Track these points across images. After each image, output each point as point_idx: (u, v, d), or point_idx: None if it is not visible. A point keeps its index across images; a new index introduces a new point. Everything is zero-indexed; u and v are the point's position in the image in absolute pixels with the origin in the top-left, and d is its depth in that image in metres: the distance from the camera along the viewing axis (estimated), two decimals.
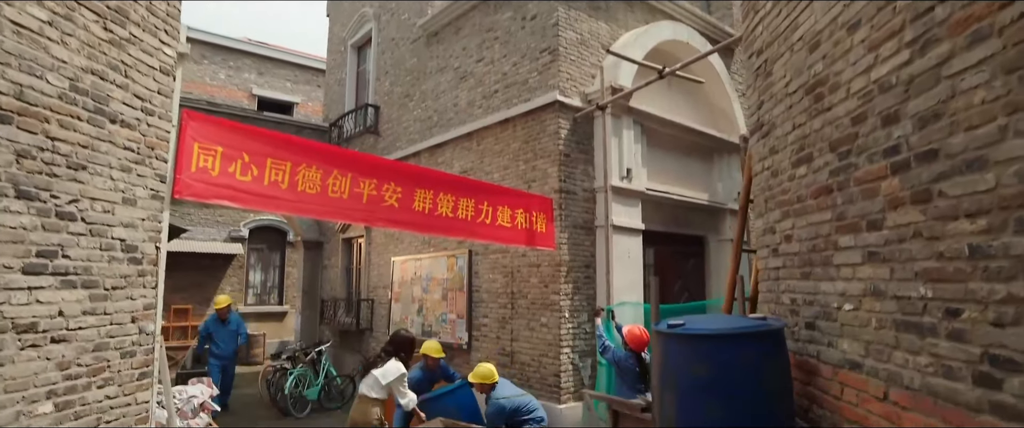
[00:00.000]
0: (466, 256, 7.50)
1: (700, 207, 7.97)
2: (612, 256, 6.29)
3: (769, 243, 3.11)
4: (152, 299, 2.98)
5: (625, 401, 3.63)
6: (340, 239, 11.35)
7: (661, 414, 2.70)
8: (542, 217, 5.85)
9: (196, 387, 5.83)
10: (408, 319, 8.68)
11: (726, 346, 2.48)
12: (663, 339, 2.69)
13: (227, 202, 3.76)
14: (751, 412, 2.41)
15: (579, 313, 6.30)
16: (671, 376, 2.60)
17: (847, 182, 2.28)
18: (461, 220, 5.06)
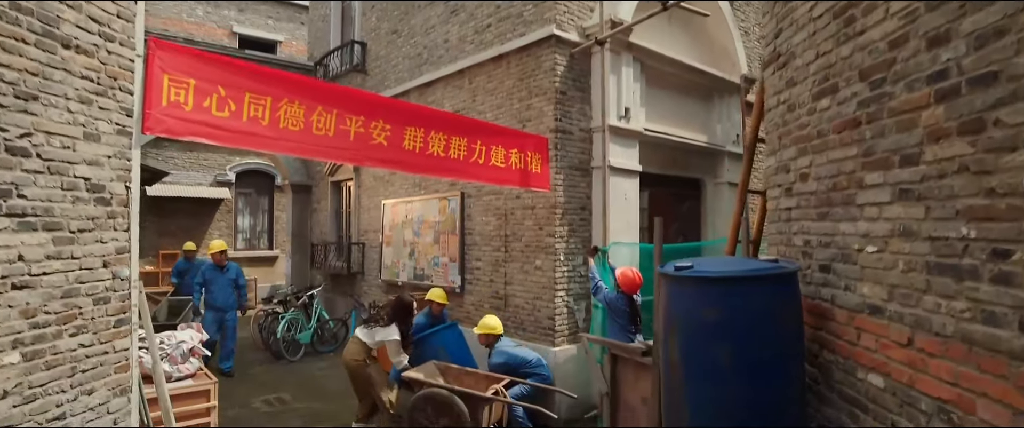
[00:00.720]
0: (458, 198, 7.32)
1: (698, 149, 7.77)
2: (609, 198, 6.12)
3: (781, 182, 2.94)
4: (125, 242, 2.79)
5: (624, 345, 3.54)
6: (329, 182, 11.10)
7: (665, 359, 2.59)
8: (537, 157, 5.64)
9: (185, 332, 5.73)
10: (400, 263, 8.58)
11: (737, 289, 2.35)
12: (669, 282, 2.55)
13: (203, 139, 3.51)
14: (762, 357, 2.31)
15: (574, 256, 6.19)
16: (677, 320, 2.48)
17: (879, 113, 2.08)
18: (453, 160, 4.84)
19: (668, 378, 2.57)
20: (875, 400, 2.12)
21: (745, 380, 2.31)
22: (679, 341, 2.45)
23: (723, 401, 2.34)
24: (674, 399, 2.53)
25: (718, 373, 2.34)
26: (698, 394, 2.40)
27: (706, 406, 2.38)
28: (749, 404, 2.31)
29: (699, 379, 2.39)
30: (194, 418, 5.07)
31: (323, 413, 6.20)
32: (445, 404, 4.79)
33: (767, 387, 2.31)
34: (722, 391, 2.34)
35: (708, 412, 2.38)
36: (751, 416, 2.32)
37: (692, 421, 2.43)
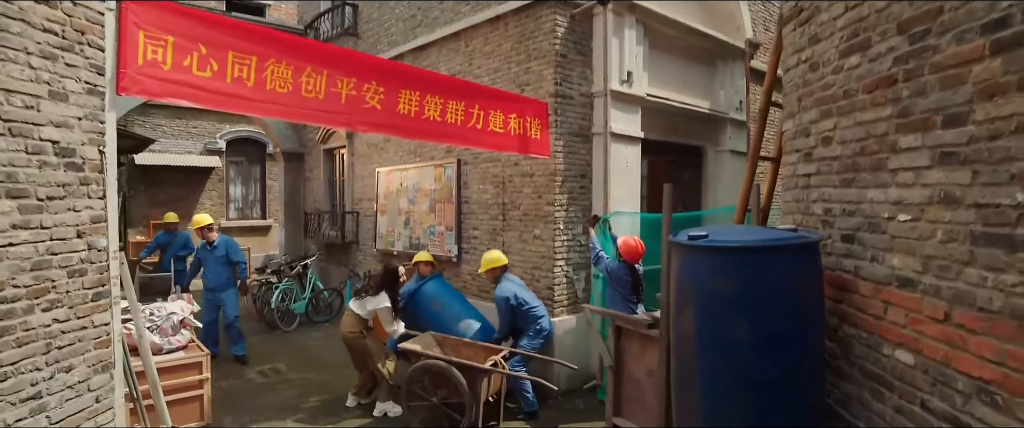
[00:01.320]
0: (454, 166, 7.12)
1: (700, 116, 7.56)
2: (610, 165, 5.94)
3: (800, 147, 2.77)
4: (101, 211, 2.60)
5: (629, 317, 3.42)
6: (321, 150, 10.85)
7: (676, 332, 2.46)
8: (536, 123, 5.43)
9: (176, 303, 5.59)
10: (395, 232, 8.42)
11: (756, 259, 2.20)
12: (682, 252, 2.40)
13: (184, 101, 3.29)
14: (781, 331, 2.18)
15: (574, 225, 6.04)
16: (691, 292, 2.34)
17: (919, 70, 1.90)
18: (450, 125, 4.63)
19: (679, 351, 2.44)
20: (903, 378, 1.99)
21: (762, 354, 2.18)
22: (693, 313, 2.31)
23: (738, 375, 2.22)
24: (685, 372, 2.41)
25: (733, 346, 2.21)
26: (711, 368, 2.28)
27: (719, 380, 2.27)
28: (765, 379, 2.19)
29: (713, 352, 2.27)
30: (186, 391, 4.97)
31: (319, 384, 6.12)
32: (442, 376, 4.69)
33: (785, 361, 2.18)
34: (737, 365, 2.22)
35: (721, 386, 2.26)
36: (767, 391, 2.20)
37: (704, 395, 2.31)
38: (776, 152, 3.89)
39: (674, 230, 5.56)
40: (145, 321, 5.13)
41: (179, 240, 8.59)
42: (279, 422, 5.11)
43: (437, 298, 5.76)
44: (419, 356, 4.88)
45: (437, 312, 5.64)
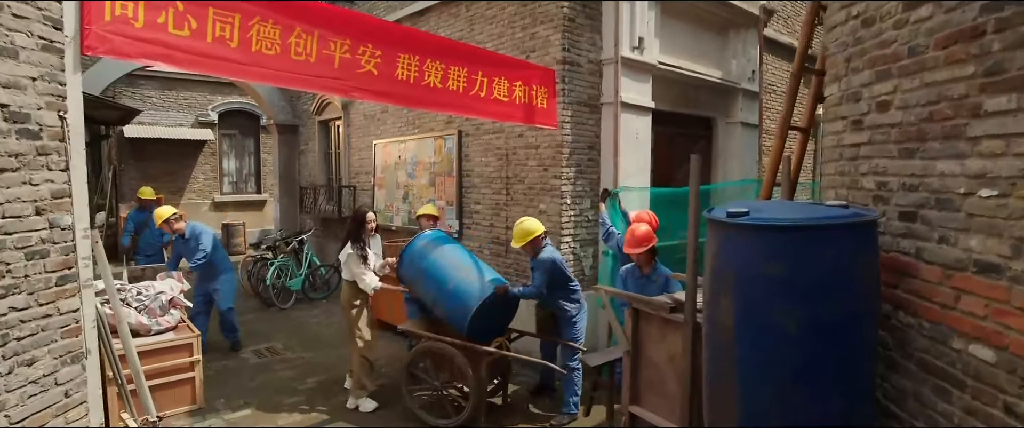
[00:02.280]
0: (455, 137, 6.80)
1: (711, 86, 7.22)
2: (620, 136, 5.64)
3: (848, 114, 2.48)
4: (63, 184, 2.31)
5: (649, 299, 3.16)
6: (316, 122, 10.49)
7: (711, 320, 2.20)
8: (543, 91, 5.10)
9: (165, 282, 5.33)
10: (393, 207, 8.14)
11: (809, 239, 1.93)
12: (720, 231, 2.13)
13: (159, 62, 2.98)
14: (835, 320, 1.92)
15: (581, 199, 5.77)
16: (730, 276, 2.08)
17: (1016, 19, 1.61)
18: (451, 92, 4.31)
19: (714, 340, 2.19)
20: (979, 376, 1.74)
21: (810, 345, 1.93)
22: (733, 300, 2.05)
23: (784, 368, 1.97)
24: (721, 364, 2.16)
25: (780, 337, 1.96)
26: (753, 360, 2.03)
27: (762, 373, 2.02)
28: (815, 372, 1.95)
29: (755, 343, 2.01)
30: (177, 373, 4.75)
31: (316, 363, 5.91)
32: (444, 358, 4.47)
33: (835, 353, 1.94)
34: (783, 357, 1.97)
35: (764, 380, 2.02)
36: (816, 385, 1.96)
37: (744, 389, 2.07)
38: (806, 122, 3.59)
39: (678, 206, 5.27)
40: (133, 301, 4.89)
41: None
42: (274, 405, 4.90)
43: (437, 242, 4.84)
44: (419, 337, 4.64)
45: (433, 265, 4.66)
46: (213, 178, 14.63)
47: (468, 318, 4.27)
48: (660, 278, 4.20)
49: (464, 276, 4.41)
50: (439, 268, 4.59)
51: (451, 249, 4.82)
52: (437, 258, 4.67)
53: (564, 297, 4.55)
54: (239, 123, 15.05)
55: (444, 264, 4.60)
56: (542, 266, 4.33)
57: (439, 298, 4.49)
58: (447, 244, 4.86)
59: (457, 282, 4.41)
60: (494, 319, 4.52)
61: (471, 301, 4.30)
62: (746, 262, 2.02)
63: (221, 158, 14.82)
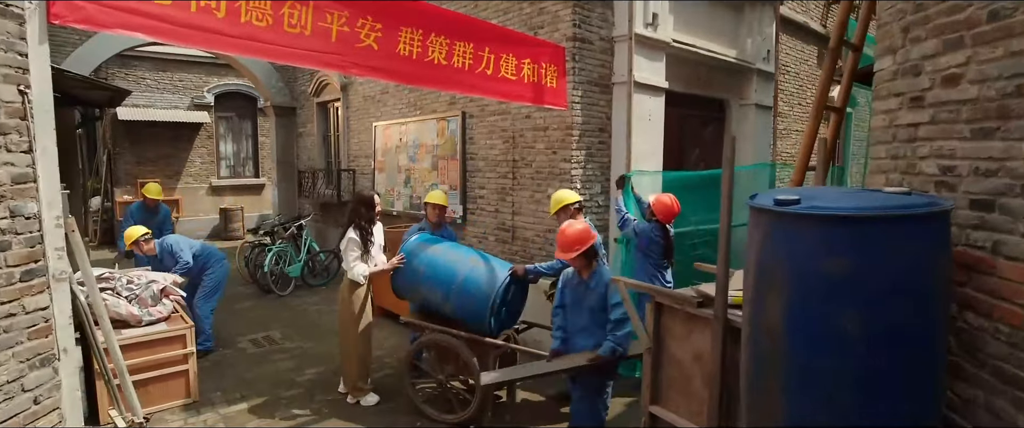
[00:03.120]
0: (459, 119, 6.53)
1: (724, 66, 6.92)
2: (634, 118, 5.36)
3: (904, 90, 2.22)
4: (26, 168, 2.06)
5: (672, 293, 2.93)
6: (314, 104, 10.20)
7: (755, 321, 1.96)
8: (553, 69, 4.82)
9: (157, 272, 5.10)
10: (395, 191, 7.89)
11: (877, 231, 1.69)
12: (768, 221, 1.88)
13: (139, 33, 2.71)
14: (903, 322, 1.69)
15: (592, 183, 5.51)
16: (780, 272, 1.83)
17: None
18: (457, 70, 4.03)
19: (757, 342, 1.95)
20: None
21: (876, 352, 1.70)
22: (783, 298, 1.81)
23: (843, 376, 1.74)
24: (766, 369, 1.93)
25: (840, 341, 1.72)
26: (807, 366, 1.80)
27: (817, 381, 1.78)
28: (879, 380, 1.71)
29: (810, 348, 1.78)
30: (169, 366, 4.53)
31: (315, 354, 5.70)
32: (449, 351, 4.25)
33: (903, 361, 1.70)
34: (843, 364, 1.74)
35: (819, 388, 1.79)
36: (880, 395, 1.73)
37: (795, 399, 1.84)
38: (840, 101, 3.33)
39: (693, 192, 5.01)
40: (123, 290, 4.66)
41: (159, 219, 6.71)
42: (272, 398, 4.69)
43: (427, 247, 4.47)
44: (423, 328, 4.42)
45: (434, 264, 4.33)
46: (210, 162, 14.35)
47: (488, 308, 3.98)
48: (601, 285, 3.46)
49: (473, 267, 4.15)
50: (442, 265, 4.30)
51: (447, 246, 4.55)
52: (435, 256, 4.37)
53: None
54: (236, 105, 14.72)
55: (446, 260, 4.32)
56: None
57: (449, 295, 4.19)
58: (440, 242, 4.59)
59: (466, 274, 4.15)
60: (504, 309, 4.28)
61: (488, 291, 4.02)
62: (800, 257, 1.78)
63: (218, 141, 14.52)
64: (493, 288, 3.99)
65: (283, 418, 4.37)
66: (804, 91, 9.27)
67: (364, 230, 4.47)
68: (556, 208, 4.30)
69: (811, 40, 9.25)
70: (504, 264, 4.27)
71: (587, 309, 3.51)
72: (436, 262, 4.31)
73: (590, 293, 3.49)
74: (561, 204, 4.28)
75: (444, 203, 5.06)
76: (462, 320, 4.19)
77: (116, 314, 4.44)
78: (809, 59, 9.31)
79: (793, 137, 9.07)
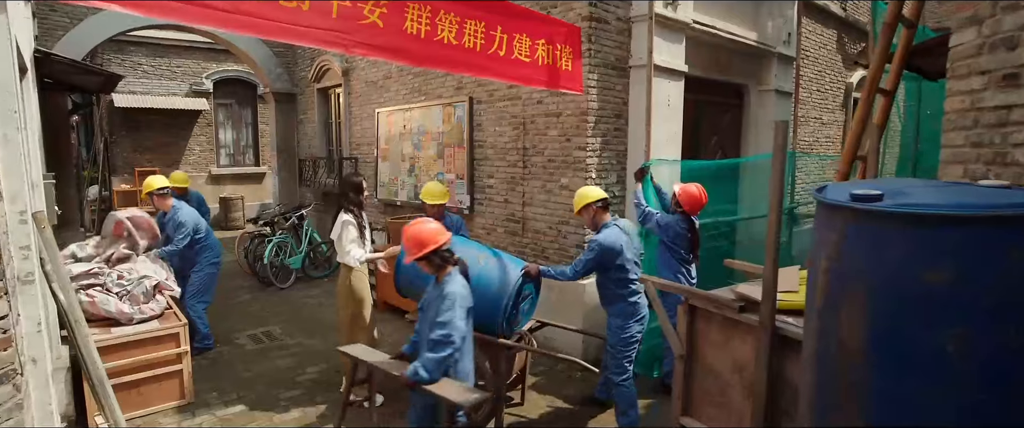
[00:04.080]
0: (466, 105, 6.22)
1: (744, 49, 6.59)
2: (653, 103, 5.05)
3: (991, 67, 1.92)
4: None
5: (709, 295, 2.65)
6: (315, 90, 9.88)
7: (824, 337, 1.68)
8: (567, 51, 4.51)
9: (148, 265, 4.83)
10: (398, 180, 7.60)
11: (988, 235, 1.40)
12: (844, 220, 1.60)
13: (118, 6, 2.42)
14: (1017, 341, 1.40)
15: (607, 173, 5.22)
16: (862, 282, 1.55)
17: None
18: (468, 50, 3.73)
19: (828, 360, 1.68)
20: None
21: (985, 379, 1.42)
22: (866, 314, 1.53)
23: (942, 409, 1.46)
24: (841, 391, 1.66)
25: (939, 367, 1.44)
26: (896, 395, 1.52)
27: (909, 413, 1.51)
28: (985, 414, 1.44)
29: (901, 373, 1.50)
30: (163, 366, 4.28)
31: (317, 351, 5.45)
32: None
33: (1019, 392, 1.42)
34: (942, 394, 1.46)
35: (913, 419, 1.51)
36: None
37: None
38: (890, 84, 3.02)
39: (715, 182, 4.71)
40: (113, 286, 4.40)
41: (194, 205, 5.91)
42: (271, 398, 4.45)
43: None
44: None
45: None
46: (209, 150, 14.07)
47: (503, 309, 3.69)
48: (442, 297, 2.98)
49: (484, 265, 3.87)
50: None
51: (457, 241, 4.16)
52: None
53: (611, 297, 3.79)
54: (235, 92, 14.41)
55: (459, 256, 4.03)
56: (590, 249, 3.68)
57: None
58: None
59: (478, 272, 3.86)
60: (515, 309, 4.00)
61: (502, 291, 3.72)
62: (890, 264, 1.49)
63: (217, 129, 14.23)
64: (507, 288, 3.71)
65: (282, 421, 4.13)
66: (822, 77, 8.93)
67: (356, 215, 4.25)
68: (580, 205, 3.92)
69: (831, 23, 8.90)
70: (516, 261, 3.98)
71: (430, 319, 2.95)
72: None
73: (436, 302, 2.94)
74: (585, 201, 3.89)
75: (443, 201, 4.72)
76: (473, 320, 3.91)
77: (106, 312, 4.19)
78: (829, 43, 8.96)
79: (812, 124, 8.75)
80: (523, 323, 4.13)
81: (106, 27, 8.47)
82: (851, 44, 9.50)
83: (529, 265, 3.83)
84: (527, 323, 4.19)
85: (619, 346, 3.77)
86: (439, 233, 3.01)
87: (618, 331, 3.77)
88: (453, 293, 2.83)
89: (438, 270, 3.00)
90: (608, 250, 3.61)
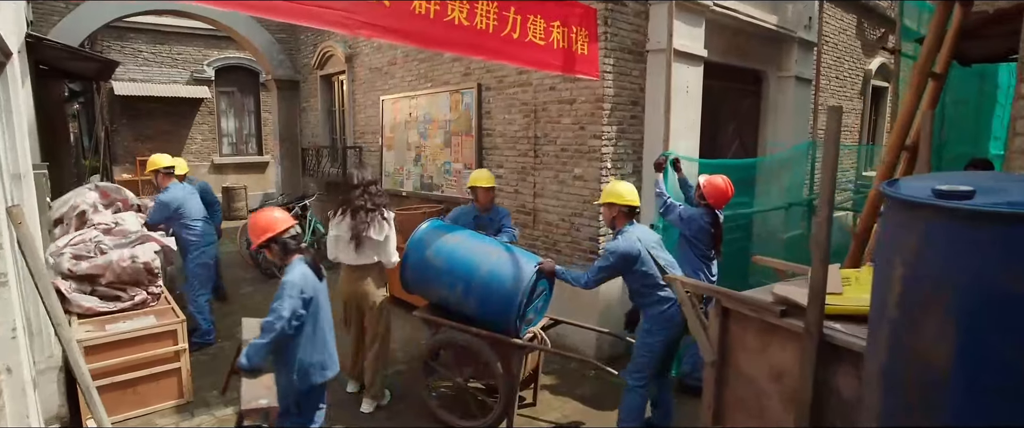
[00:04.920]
0: (474, 92, 5.99)
1: (764, 33, 6.32)
2: (673, 89, 4.81)
3: None
4: None
5: (747, 297, 2.44)
6: (318, 77, 9.65)
7: (899, 349, 1.47)
8: (583, 34, 4.27)
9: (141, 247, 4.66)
10: (404, 170, 7.39)
11: None
12: (928, 219, 1.38)
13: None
14: None
15: (623, 163, 4.99)
16: (949, 291, 1.33)
17: None
18: (480, 32, 3.51)
19: (900, 376, 1.48)
20: None
21: None
22: (952, 327, 1.32)
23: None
24: (914, 411, 1.45)
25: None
26: (989, 416, 1.31)
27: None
28: None
29: (994, 398, 1.30)
30: (160, 364, 4.10)
31: None
32: (469, 352, 3.79)
33: None
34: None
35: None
36: None
37: None
38: (941, 66, 2.78)
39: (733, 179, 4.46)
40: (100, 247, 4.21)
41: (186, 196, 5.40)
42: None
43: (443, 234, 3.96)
44: (439, 325, 3.96)
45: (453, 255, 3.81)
46: (211, 139, 13.86)
47: (516, 307, 3.49)
48: None
49: (496, 260, 3.66)
50: (460, 258, 3.76)
51: (465, 234, 4.00)
52: (452, 247, 3.83)
53: (641, 302, 3.47)
54: (237, 80, 14.17)
55: (465, 252, 3.78)
56: (607, 254, 3.37)
57: (470, 291, 3.67)
58: (455, 230, 4.05)
59: (490, 269, 3.65)
60: (531, 304, 3.79)
61: (515, 288, 3.52)
62: (983, 272, 1.28)
63: (219, 117, 14.01)
64: (520, 285, 3.50)
65: None
66: (841, 64, 8.65)
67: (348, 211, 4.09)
68: (607, 199, 3.50)
69: (851, 8, 8.60)
70: (530, 256, 3.78)
71: None
72: (454, 254, 3.78)
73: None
74: (614, 199, 3.46)
75: (494, 185, 4.43)
76: (484, 319, 3.71)
77: (80, 307, 4.04)
78: (848, 29, 8.67)
79: None
80: (536, 321, 3.94)
81: (103, 12, 8.24)
82: (871, 29, 9.20)
83: (545, 261, 3.61)
84: (541, 321, 4.00)
85: (640, 349, 3.50)
86: (282, 221, 2.93)
87: (643, 335, 3.49)
88: (288, 282, 2.75)
89: (281, 258, 2.92)
90: (620, 256, 3.29)
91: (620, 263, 3.31)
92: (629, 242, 3.32)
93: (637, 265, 3.29)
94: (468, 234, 4.04)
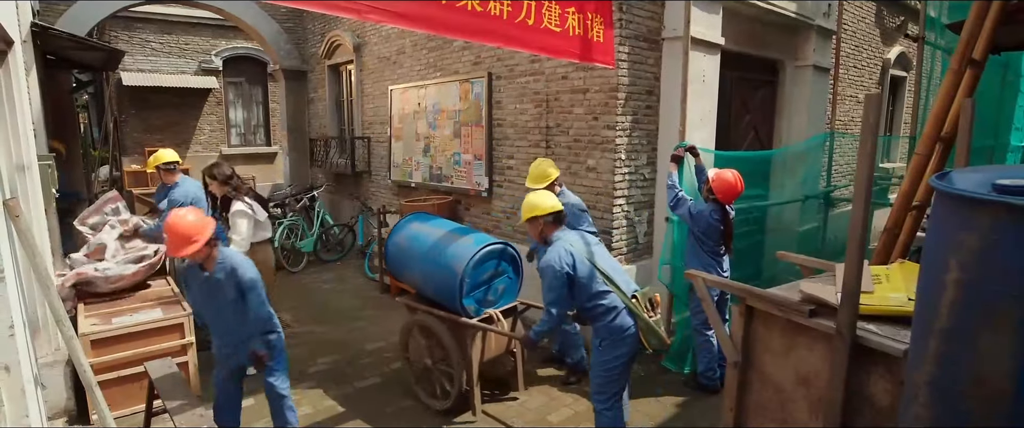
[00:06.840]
0: (484, 81, 5.86)
1: (781, 21, 6.14)
2: (690, 78, 4.67)
3: None
4: None
5: (772, 296, 2.32)
6: (325, 67, 9.55)
7: (951, 363, 1.36)
8: (598, 20, 4.14)
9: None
10: (412, 161, 7.29)
11: None
12: (991, 218, 1.26)
13: None
14: None
15: (637, 154, 4.87)
16: (1018, 299, 1.22)
17: None
18: (494, 18, 3.39)
19: (955, 396, 1.37)
20: None
21: None
22: (1021, 340, 1.20)
23: None
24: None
25: None
26: None
27: None
28: None
29: None
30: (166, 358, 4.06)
31: (328, 340, 5.22)
32: (432, 333, 3.86)
33: None
34: None
35: None
36: None
37: None
38: (981, 53, 2.64)
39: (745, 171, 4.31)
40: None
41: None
42: None
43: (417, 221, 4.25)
44: (413, 309, 4.06)
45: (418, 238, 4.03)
46: (219, 129, 13.81)
47: (457, 284, 3.58)
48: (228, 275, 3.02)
49: (446, 239, 3.83)
50: (419, 239, 4.00)
51: (439, 221, 4.27)
52: (417, 233, 4.07)
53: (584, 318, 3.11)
54: (245, 70, 14.09)
55: (424, 233, 4.02)
56: (541, 275, 3.00)
57: (425, 272, 3.85)
58: (434, 219, 4.32)
59: (441, 248, 3.82)
60: (486, 288, 3.82)
61: (457, 265, 3.61)
62: None
63: (227, 108, 13.95)
64: (460, 264, 3.59)
65: None
66: (860, 53, 8.44)
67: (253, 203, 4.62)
68: (528, 215, 3.22)
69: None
70: (486, 238, 3.82)
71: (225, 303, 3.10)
72: (417, 235, 4.03)
73: (219, 290, 3.07)
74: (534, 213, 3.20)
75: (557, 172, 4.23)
76: (440, 301, 3.83)
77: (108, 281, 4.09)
78: (867, 16, 8.45)
79: (847, 103, 8.29)
80: (502, 303, 3.92)
81: (110, 1, 8.16)
82: (890, 17, 8.97)
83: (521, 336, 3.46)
84: (508, 304, 3.96)
85: (596, 368, 3.06)
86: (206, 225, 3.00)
87: (597, 353, 3.03)
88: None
89: (208, 255, 3.04)
90: (556, 272, 2.92)
91: (557, 281, 2.92)
92: (556, 253, 2.96)
93: (576, 274, 2.94)
94: (441, 221, 4.25)
